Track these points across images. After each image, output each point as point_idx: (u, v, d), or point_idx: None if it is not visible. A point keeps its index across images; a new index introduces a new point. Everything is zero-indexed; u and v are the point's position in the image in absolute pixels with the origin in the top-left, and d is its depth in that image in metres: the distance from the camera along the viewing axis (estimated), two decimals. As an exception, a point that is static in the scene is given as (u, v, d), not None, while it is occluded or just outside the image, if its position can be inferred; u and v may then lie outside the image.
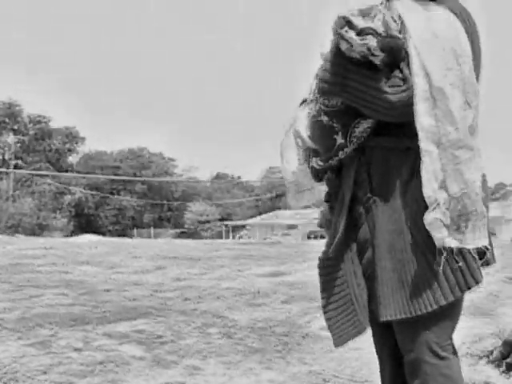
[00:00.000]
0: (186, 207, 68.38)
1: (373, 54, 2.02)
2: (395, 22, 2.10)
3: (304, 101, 2.54)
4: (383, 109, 2.06)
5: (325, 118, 2.27)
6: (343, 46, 2.04)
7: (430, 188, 2.01)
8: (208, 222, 66.88)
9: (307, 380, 4.03)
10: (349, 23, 2.04)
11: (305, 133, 2.46)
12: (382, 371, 2.55)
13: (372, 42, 2.01)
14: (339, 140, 2.24)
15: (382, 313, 2.15)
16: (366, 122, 2.17)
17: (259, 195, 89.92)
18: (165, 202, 68.65)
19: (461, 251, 2.04)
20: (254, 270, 9.46)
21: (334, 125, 2.25)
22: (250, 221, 73.59)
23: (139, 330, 4.84)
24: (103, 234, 48.28)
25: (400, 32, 2.08)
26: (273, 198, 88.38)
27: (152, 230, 62.12)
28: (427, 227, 2.01)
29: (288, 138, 2.71)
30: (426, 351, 2.13)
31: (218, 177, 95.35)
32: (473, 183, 2.01)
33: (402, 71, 2.06)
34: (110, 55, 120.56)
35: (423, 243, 2.07)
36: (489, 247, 2.12)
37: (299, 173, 2.73)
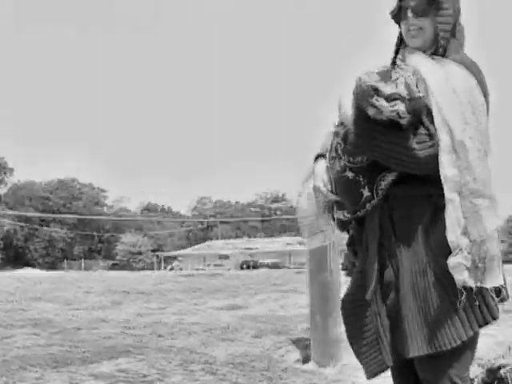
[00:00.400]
0: (118, 238, 67.41)
1: (400, 117, 2.18)
2: (411, 78, 2.27)
3: (318, 156, 2.69)
4: (413, 164, 2.22)
5: (350, 174, 2.40)
6: (371, 112, 2.20)
7: (453, 234, 2.17)
8: (140, 253, 66.04)
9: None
10: (376, 90, 2.19)
11: (324, 187, 2.59)
12: None
13: (400, 107, 2.17)
14: (366, 193, 2.38)
15: (408, 350, 2.28)
16: (390, 175, 2.32)
17: (190, 226, 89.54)
18: (95, 233, 67.45)
19: (480, 290, 2.21)
20: (210, 304, 9.49)
21: (360, 179, 2.38)
22: (182, 251, 73.14)
23: (123, 370, 4.82)
24: (33, 266, 47.02)
25: (417, 86, 2.26)
26: (204, 228, 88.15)
27: (83, 262, 60.91)
28: (450, 270, 2.17)
29: (305, 188, 2.86)
30: None
31: (149, 207, 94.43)
32: (491, 230, 2.19)
33: (426, 127, 2.22)
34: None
35: (446, 283, 2.23)
36: (504, 286, 2.31)
37: (314, 217, 2.86)
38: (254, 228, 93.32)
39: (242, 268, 57.27)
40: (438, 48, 2.38)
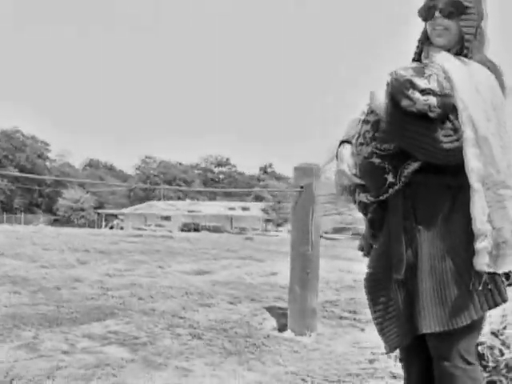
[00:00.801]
0: (60, 193, 66.28)
1: (430, 110, 2.37)
2: (442, 75, 2.45)
3: (343, 141, 2.87)
4: (439, 155, 2.42)
5: (376, 160, 2.60)
6: (405, 103, 2.39)
7: (479, 221, 2.39)
8: (82, 209, 65.17)
9: (289, 380, 4.31)
10: (412, 84, 2.38)
11: (349, 171, 2.77)
12: (408, 379, 2.89)
13: (432, 101, 2.37)
14: (390, 179, 2.58)
15: (423, 326, 2.51)
16: (414, 164, 2.52)
17: (132, 184, 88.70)
18: (37, 187, 66.11)
19: (492, 274, 2.44)
20: (175, 267, 9.61)
21: (385, 165, 2.58)
22: (124, 210, 72.58)
23: (113, 331, 4.92)
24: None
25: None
26: (147, 188, 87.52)
27: (22, 216, 59.79)
28: (476, 254, 2.39)
29: (325, 170, 3.06)
30: (458, 358, 2.53)
31: (91, 164, 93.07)
32: (511, 217, 2.42)
33: (451, 121, 2.41)
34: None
35: (462, 268, 2.45)
36: None
37: (331, 196, 3.06)
38: (196, 191, 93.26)
39: (183, 230, 57.36)
40: (462, 48, 2.57)
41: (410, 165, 2.53)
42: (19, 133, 67.24)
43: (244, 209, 75.22)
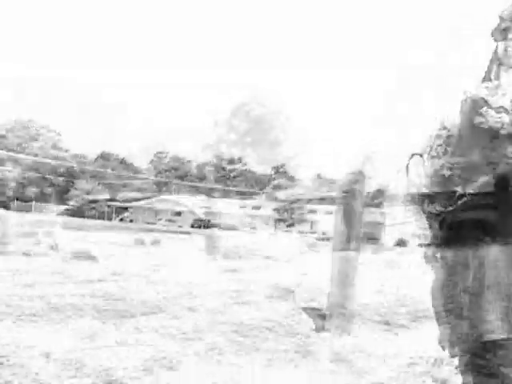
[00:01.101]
0: (72, 184, 66.53)
1: (502, 127, 2.51)
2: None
3: (414, 155, 3.01)
4: (505, 169, 2.55)
5: (448, 173, 2.73)
6: (477, 120, 2.53)
7: None
8: (95, 201, 65.37)
9: (335, 380, 4.42)
10: (485, 102, 2.51)
11: (419, 182, 2.91)
12: None
13: (505, 118, 2.50)
14: (459, 191, 2.71)
15: (487, 333, 2.64)
16: (484, 177, 2.65)
17: (145, 178, 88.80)
18: (50, 176, 66.36)
19: None
20: (203, 264, 9.75)
21: (455, 178, 2.71)
22: (135, 203, 72.75)
23: (163, 326, 5.05)
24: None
25: None
26: (159, 182, 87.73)
27: (33, 204, 60.13)
28: None
29: (396, 180, 3.18)
30: None
31: (103, 156, 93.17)
32: None
33: None
34: None
35: None
36: None
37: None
38: (210, 188, 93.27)
39: (193, 226, 57.40)
40: None
41: (479, 178, 2.66)
42: (32, 122, 67.44)
43: (254, 207, 75.17)
